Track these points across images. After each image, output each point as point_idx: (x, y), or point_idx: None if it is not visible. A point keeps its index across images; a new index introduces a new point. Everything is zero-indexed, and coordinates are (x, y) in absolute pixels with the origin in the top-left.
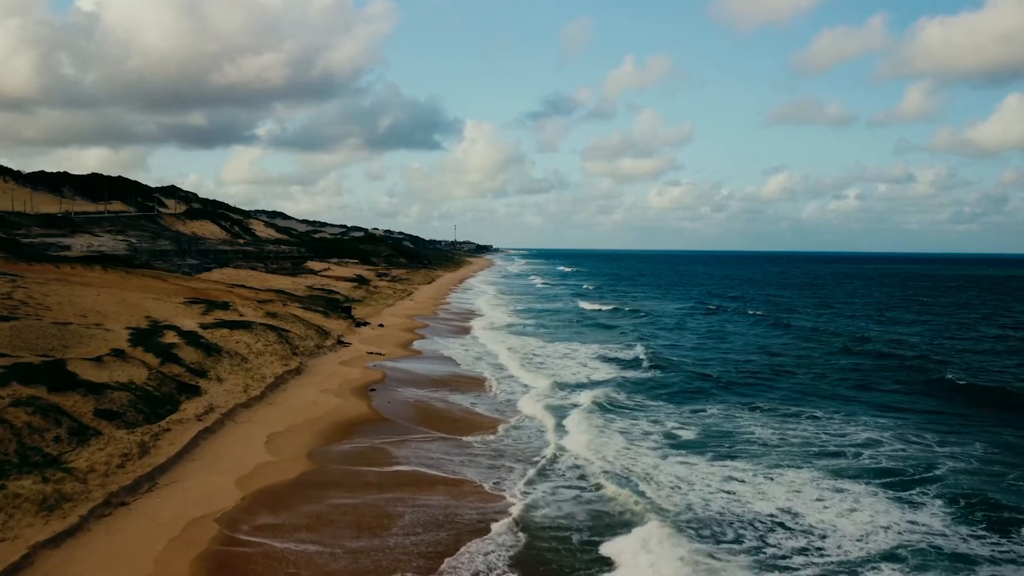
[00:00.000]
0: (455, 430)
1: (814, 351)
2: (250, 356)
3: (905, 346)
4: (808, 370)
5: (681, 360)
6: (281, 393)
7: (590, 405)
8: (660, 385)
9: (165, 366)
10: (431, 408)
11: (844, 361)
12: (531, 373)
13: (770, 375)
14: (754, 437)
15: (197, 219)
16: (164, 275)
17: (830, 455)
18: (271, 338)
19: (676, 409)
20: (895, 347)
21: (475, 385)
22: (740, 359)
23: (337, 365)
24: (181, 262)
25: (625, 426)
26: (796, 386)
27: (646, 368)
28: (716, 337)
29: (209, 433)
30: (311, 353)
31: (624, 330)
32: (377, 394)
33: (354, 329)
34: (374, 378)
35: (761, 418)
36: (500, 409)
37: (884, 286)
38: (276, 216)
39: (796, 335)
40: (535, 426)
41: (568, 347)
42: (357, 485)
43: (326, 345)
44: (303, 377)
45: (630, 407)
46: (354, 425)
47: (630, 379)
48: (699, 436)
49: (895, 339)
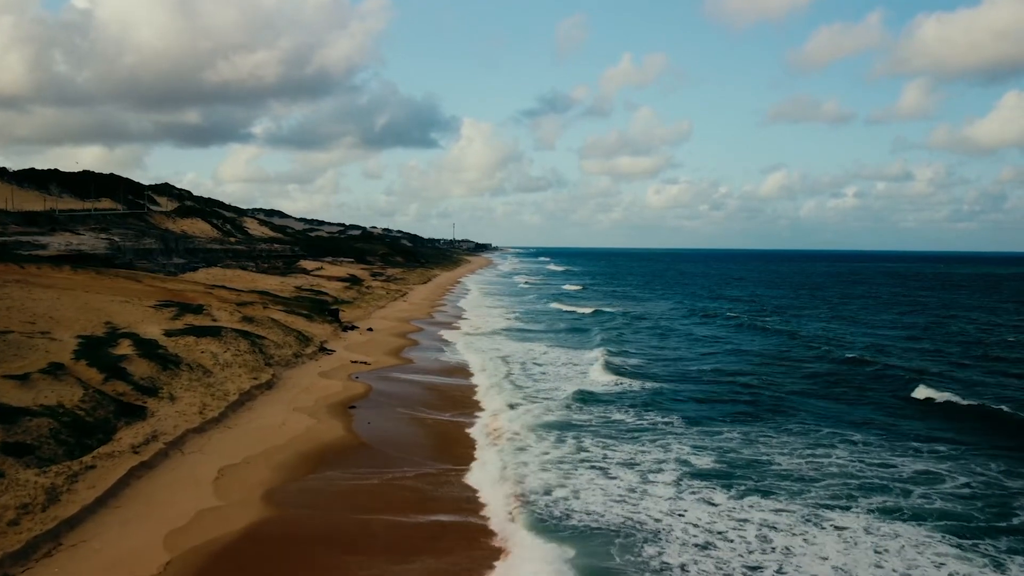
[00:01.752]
0: (447, 458)
1: (812, 364)
2: (215, 368)
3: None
4: (823, 386)
5: (658, 373)
6: (245, 413)
7: (552, 432)
8: (640, 403)
9: (109, 383)
10: (420, 431)
11: (857, 377)
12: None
13: (779, 391)
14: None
15: (188, 217)
16: (140, 276)
17: (878, 490)
18: (242, 346)
19: (678, 430)
20: (910, 358)
21: (470, 402)
22: (735, 370)
23: (316, 377)
24: (167, 261)
25: (615, 455)
26: (810, 404)
27: (620, 384)
28: (700, 343)
29: (146, 469)
30: (287, 363)
31: (598, 336)
32: (358, 413)
33: (340, 334)
34: (356, 393)
35: (786, 440)
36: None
37: (885, 286)
38: (273, 214)
39: (791, 340)
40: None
41: (546, 352)
42: (319, 539)
43: (306, 353)
44: (274, 392)
45: (615, 430)
46: (327, 454)
47: (600, 394)
48: (718, 465)
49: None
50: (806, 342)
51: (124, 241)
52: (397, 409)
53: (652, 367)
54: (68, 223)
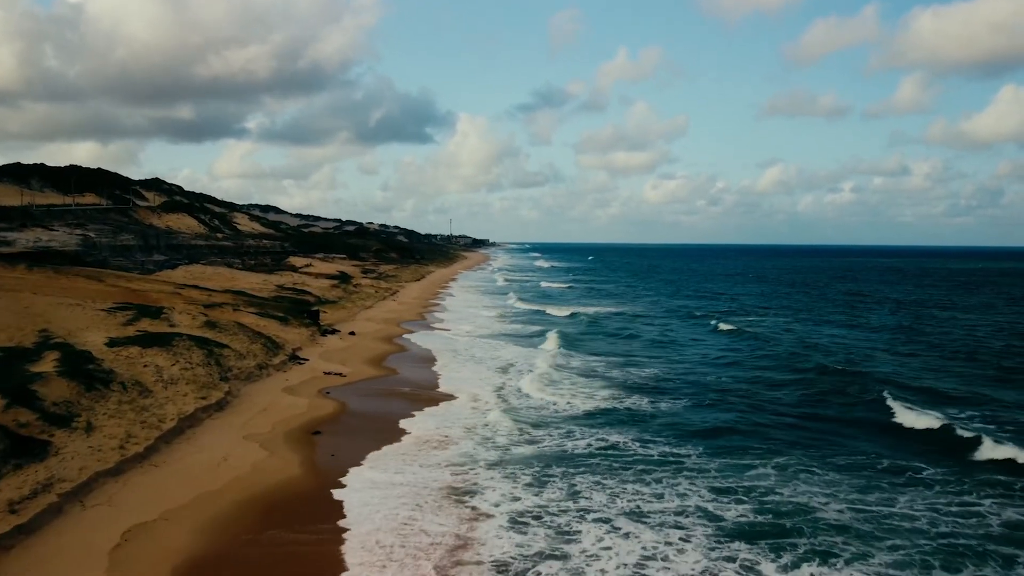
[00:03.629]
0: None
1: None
2: (155, 386)
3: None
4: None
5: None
6: (182, 445)
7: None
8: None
9: (10, 411)
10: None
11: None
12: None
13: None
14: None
15: (173, 212)
16: (104, 274)
17: (973, 556)
18: (195, 358)
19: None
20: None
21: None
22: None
23: (279, 393)
24: (145, 258)
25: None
26: (809, 424)
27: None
28: (678, 351)
29: (21, 536)
30: (248, 376)
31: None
32: (323, 441)
33: (318, 339)
34: (324, 413)
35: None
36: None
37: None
38: (269, 210)
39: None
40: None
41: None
42: None
43: (272, 364)
44: (225, 415)
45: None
46: (273, 503)
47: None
48: (753, 517)
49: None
50: (818, 352)
51: (100, 237)
52: (371, 436)
53: (655, 381)
54: (44, 218)
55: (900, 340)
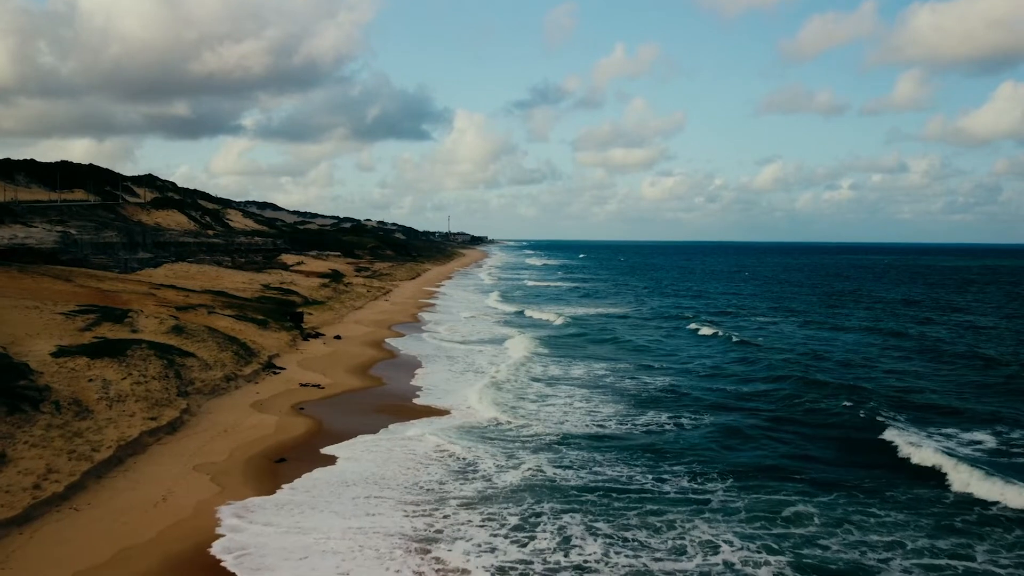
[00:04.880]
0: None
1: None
2: (98, 405)
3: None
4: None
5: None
6: (116, 479)
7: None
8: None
9: None
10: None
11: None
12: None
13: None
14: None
15: (163, 209)
16: (74, 274)
17: None
18: (151, 370)
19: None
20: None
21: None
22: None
23: (246, 410)
24: (129, 256)
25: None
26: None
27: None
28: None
29: None
30: (213, 390)
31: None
32: (287, 470)
33: (299, 344)
34: (294, 435)
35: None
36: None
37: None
38: (266, 207)
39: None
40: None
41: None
42: None
43: (243, 374)
44: (178, 437)
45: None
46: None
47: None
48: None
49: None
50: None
51: (82, 234)
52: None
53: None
54: (25, 215)
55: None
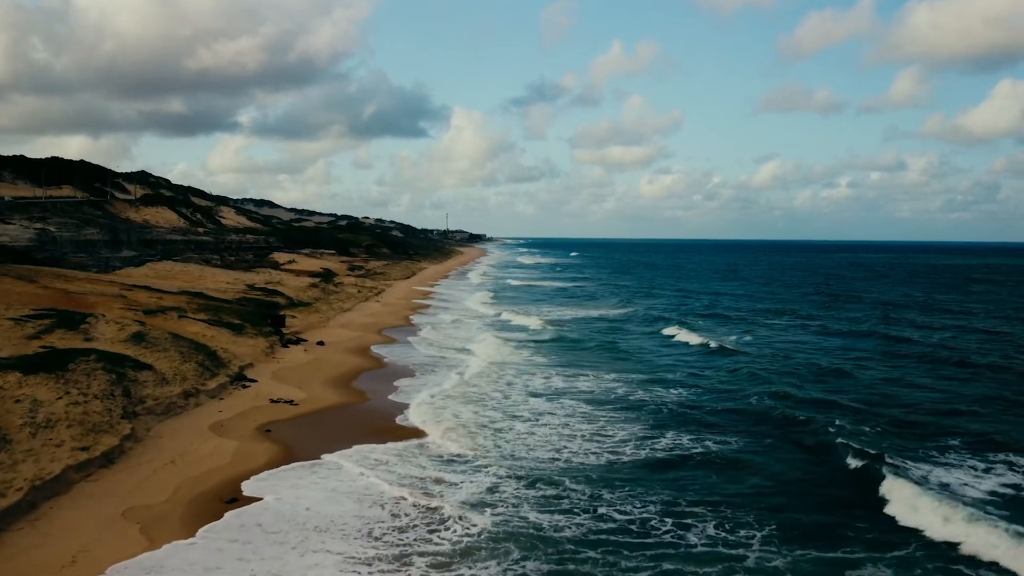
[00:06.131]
0: None
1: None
2: (19, 432)
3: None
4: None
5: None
6: (23, 531)
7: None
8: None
9: None
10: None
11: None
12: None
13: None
14: None
15: (153, 206)
16: (40, 273)
17: None
18: (95, 387)
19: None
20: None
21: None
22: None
23: (204, 433)
24: (111, 254)
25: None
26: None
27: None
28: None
29: None
30: (168, 408)
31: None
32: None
33: (277, 352)
34: (254, 465)
35: None
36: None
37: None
38: (264, 205)
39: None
40: None
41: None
42: None
43: (206, 388)
44: (114, 471)
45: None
46: None
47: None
48: None
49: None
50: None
51: (61, 232)
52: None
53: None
54: (4, 211)
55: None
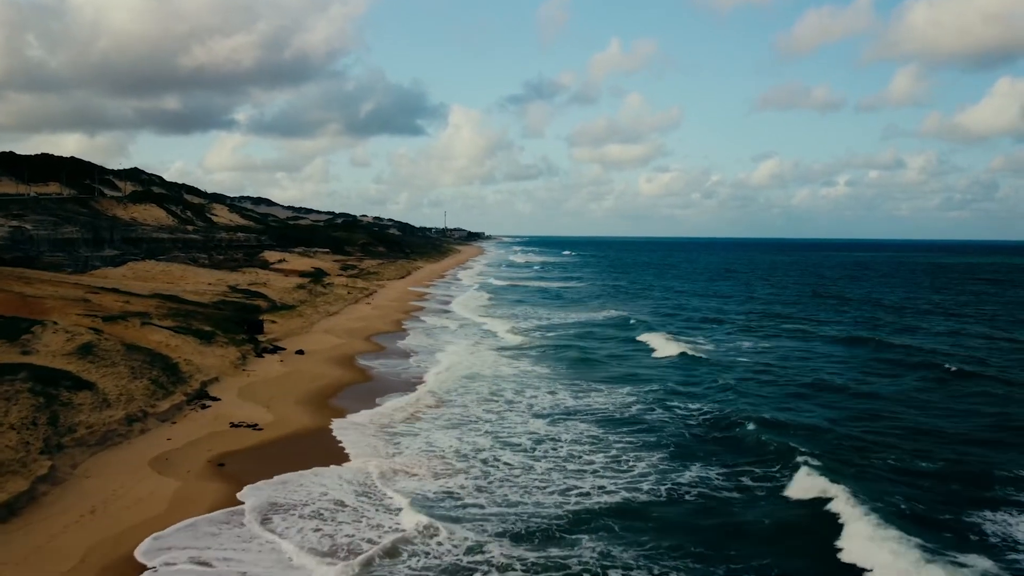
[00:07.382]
0: None
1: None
2: None
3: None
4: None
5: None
6: None
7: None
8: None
9: None
10: None
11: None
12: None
13: None
14: None
15: (141, 203)
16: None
17: None
18: (14, 414)
19: None
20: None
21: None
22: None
23: (142, 469)
24: (91, 253)
25: None
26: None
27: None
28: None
29: None
30: (104, 438)
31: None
32: None
33: (249, 362)
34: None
35: None
36: None
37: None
38: (260, 203)
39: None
40: None
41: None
42: None
43: (156, 410)
44: (17, 526)
45: None
46: None
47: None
48: None
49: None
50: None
51: (38, 229)
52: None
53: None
54: None
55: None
